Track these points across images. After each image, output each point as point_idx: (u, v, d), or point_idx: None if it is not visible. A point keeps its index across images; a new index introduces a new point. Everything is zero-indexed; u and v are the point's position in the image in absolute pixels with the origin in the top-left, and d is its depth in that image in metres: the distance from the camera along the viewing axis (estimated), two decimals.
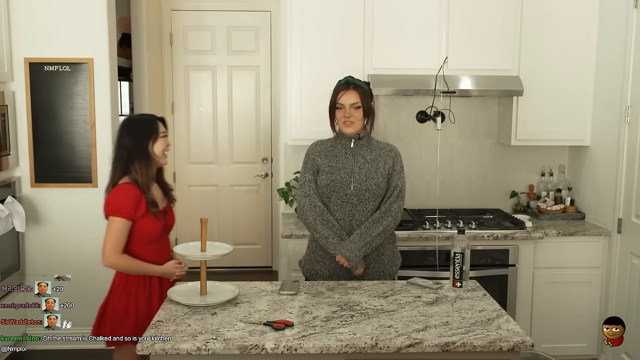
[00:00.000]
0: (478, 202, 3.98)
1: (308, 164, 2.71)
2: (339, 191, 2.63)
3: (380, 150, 2.69)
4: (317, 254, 2.71)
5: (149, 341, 1.94)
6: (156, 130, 2.45)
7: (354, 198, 2.62)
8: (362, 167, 2.64)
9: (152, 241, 2.46)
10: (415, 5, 3.50)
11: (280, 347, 1.93)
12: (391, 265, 2.73)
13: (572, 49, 3.62)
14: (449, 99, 3.59)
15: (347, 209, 2.63)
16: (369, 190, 2.62)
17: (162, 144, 2.48)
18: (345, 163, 2.65)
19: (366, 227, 2.60)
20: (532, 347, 2.01)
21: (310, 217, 2.63)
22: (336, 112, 2.66)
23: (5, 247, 3.53)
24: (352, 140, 2.67)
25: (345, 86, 2.64)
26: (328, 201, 2.66)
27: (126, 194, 2.37)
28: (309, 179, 2.68)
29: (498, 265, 3.41)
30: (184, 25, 5.33)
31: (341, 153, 2.68)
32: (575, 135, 3.71)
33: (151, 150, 2.45)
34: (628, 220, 3.35)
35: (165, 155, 2.51)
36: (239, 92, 5.46)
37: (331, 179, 2.63)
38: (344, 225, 2.64)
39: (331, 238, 2.60)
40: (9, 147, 3.59)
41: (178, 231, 5.58)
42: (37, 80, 3.65)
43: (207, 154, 5.51)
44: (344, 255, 2.57)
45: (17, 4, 3.61)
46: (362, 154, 2.67)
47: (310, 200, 2.64)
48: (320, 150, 2.72)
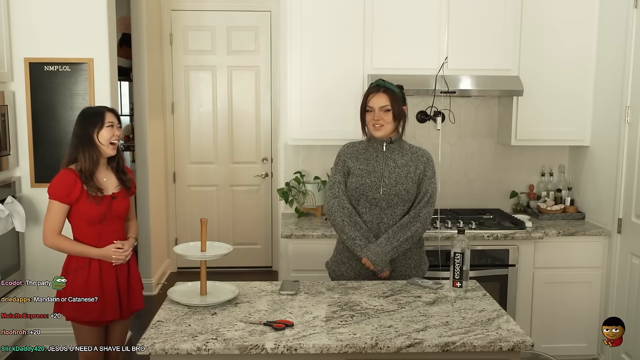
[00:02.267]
0: (478, 202, 3.99)
1: (339, 165, 2.70)
2: (368, 195, 2.61)
3: (412, 154, 2.67)
4: (344, 256, 2.70)
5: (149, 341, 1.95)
6: (102, 120, 2.55)
7: (383, 202, 2.61)
8: (393, 172, 2.62)
9: (91, 224, 2.55)
10: (416, 6, 3.50)
11: (280, 347, 1.93)
12: (417, 270, 2.71)
13: (572, 48, 3.62)
14: (449, 99, 3.59)
15: (376, 212, 2.63)
16: (397, 196, 2.60)
17: (107, 133, 2.55)
18: (376, 167, 2.63)
19: (394, 232, 2.58)
20: (532, 347, 2.01)
21: (339, 219, 2.62)
22: (366, 115, 2.63)
23: (5, 247, 3.53)
24: (384, 144, 2.65)
25: (375, 89, 2.62)
26: (357, 204, 2.65)
27: (60, 179, 2.53)
28: (338, 180, 2.67)
29: (498, 265, 3.41)
30: (184, 25, 5.33)
31: (372, 156, 2.66)
32: (575, 135, 3.71)
33: (96, 139, 2.54)
34: (628, 220, 3.35)
35: (111, 145, 2.57)
36: (239, 92, 5.47)
37: (361, 182, 2.62)
38: (372, 228, 2.63)
39: (358, 240, 2.59)
40: (9, 147, 3.59)
41: (178, 231, 5.59)
42: (37, 80, 3.65)
43: (207, 154, 5.51)
44: (370, 259, 2.56)
45: (17, 4, 3.61)
46: (393, 158, 2.65)
47: (339, 201, 2.63)
48: (352, 152, 2.70)
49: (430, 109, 3.53)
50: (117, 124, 2.59)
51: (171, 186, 5.52)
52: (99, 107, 2.65)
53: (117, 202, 2.61)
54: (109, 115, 2.58)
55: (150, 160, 4.94)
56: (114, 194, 2.60)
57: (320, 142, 3.68)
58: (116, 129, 2.58)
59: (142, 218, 4.93)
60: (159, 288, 5.10)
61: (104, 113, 2.57)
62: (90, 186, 2.52)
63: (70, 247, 2.55)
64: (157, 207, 5.14)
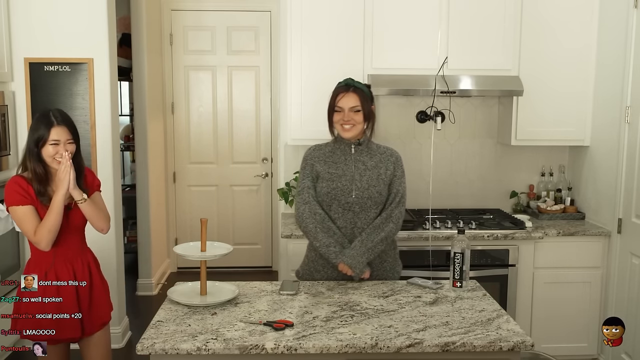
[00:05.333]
0: (478, 202, 3.98)
1: (307, 170, 2.61)
2: (340, 199, 2.55)
3: (380, 155, 2.62)
4: (317, 264, 2.63)
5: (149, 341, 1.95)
6: (45, 136, 2.36)
7: (356, 206, 2.55)
8: (364, 174, 2.56)
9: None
10: (415, 5, 3.50)
11: (280, 347, 1.93)
12: (393, 272, 2.68)
13: (572, 48, 3.62)
14: (449, 99, 3.59)
15: (349, 216, 2.56)
16: (371, 199, 2.55)
17: (52, 149, 2.36)
18: (346, 170, 2.57)
19: (367, 234, 2.53)
20: (532, 347, 2.01)
21: (311, 225, 2.54)
22: (334, 115, 2.57)
23: (5, 247, 3.53)
24: (352, 146, 2.59)
25: (345, 88, 2.56)
26: (329, 209, 2.57)
27: (10, 186, 2.39)
28: (308, 186, 2.58)
29: (498, 265, 3.41)
30: (184, 25, 5.33)
31: (341, 159, 2.59)
32: (575, 135, 3.71)
33: (41, 153, 2.38)
34: (628, 220, 3.35)
35: (55, 161, 2.37)
36: (239, 92, 5.47)
37: (332, 187, 2.55)
38: (346, 233, 2.57)
39: (332, 247, 2.51)
40: (9, 147, 3.59)
41: (178, 231, 5.59)
42: (37, 80, 3.65)
43: (207, 154, 5.51)
44: (347, 264, 2.48)
45: (17, 4, 3.61)
46: (362, 160, 2.59)
47: (311, 207, 2.55)
48: (319, 155, 2.63)
49: (430, 109, 3.53)
50: (66, 140, 2.37)
51: (171, 186, 5.52)
52: (48, 119, 2.38)
53: (73, 212, 2.45)
54: (56, 132, 2.36)
55: (150, 160, 4.94)
56: (69, 204, 2.42)
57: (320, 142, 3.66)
58: (63, 146, 2.37)
59: (142, 218, 4.93)
60: (159, 288, 5.10)
61: (49, 129, 2.36)
62: (42, 195, 2.38)
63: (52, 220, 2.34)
64: (157, 207, 5.14)
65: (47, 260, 2.45)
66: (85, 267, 2.53)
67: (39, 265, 2.45)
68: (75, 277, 2.47)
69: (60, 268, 2.46)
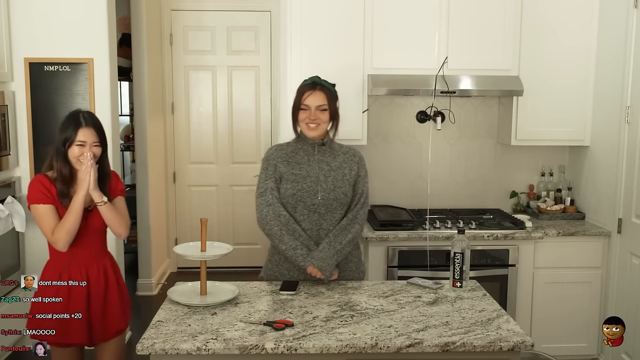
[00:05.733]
0: (478, 202, 3.98)
1: (269, 171, 2.55)
2: (306, 201, 2.49)
3: (344, 155, 2.58)
4: (282, 267, 2.58)
5: (149, 341, 1.95)
6: (73, 137, 2.36)
7: (322, 208, 2.50)
8: (328, 175, 2.52)
9: None
10: (415, 6, 3.50)
11: (280, 347, 1.93)
12: (358, 272, 2.65)
13: (572, 48, 3.62)
14: (449, 99, 3.59)
15: (315, 218, 2.51)
16: (336, 200, 2.51)
17: (77, 151, 2.36)
18: (310, 171, 2.52)
19: (334, 235, 2.49)
20: (532, 347, 2.01)
21: (276, 228, 2.47)
22: (300, 114, 2.52)
23: (5, 247, 3.53)
24: (316, 146, 2.55)
25: (311, 87, 2.51)
26: (294, 211, 2.51)
27: (33, 184, 2.39)
28: (271, 187, 2.52)
29: (498, 265, 3.41)
30: (184, 25, 5.34)
31: (304, 160, 2.54)
32: (575, 135, 3.71)
33: (67, 154, 2.38)
34: (628, 220, 3.34)
35: (79, 162, 2.36)
36: (239, 92, 5.47)
37: (298, 189, 2.49)
38: (311, 235, 2.51)
39: (300, 249, 2.45)
40: (9, 147, 3.59)
41: (178, 231, 5.59)
42: (37, 80, 3.65)
43: (207, 154, 5.51)
44: (317, 266, 2.43)
45: (17, 4, 3.61)
46: (326, 160, 2.54)
47: (274, 209, 2.48)
48: (281, 155, 2.57)
49: (430, 109, 3.53)
50: (92, 142, 2.37)
51: (171, 186, 5.52)
52: (77, 120, 2.39)
53: (92, 215, 2.42)
54: (83, 133, 2.36)
55: (150, 160, 4.94)
56: (89, 206, 2.41)
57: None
58: (89, 148, 2.36)
59: (142, 218, 4.93)
60: (159, 288, 5.10)
61: (77, 130, 2.36)
62: (64, 196, 2.38)
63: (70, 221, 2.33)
64: (157, 207, 5.14)
65: (62, 262, 2.43)
66: (100, 272, 2.48)
67: (55, 266, 2.44)
68: (89, 282, 2.43)
69: (74, 271, 2.43)
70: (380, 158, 3.91)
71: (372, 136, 3.82)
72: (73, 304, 2.39)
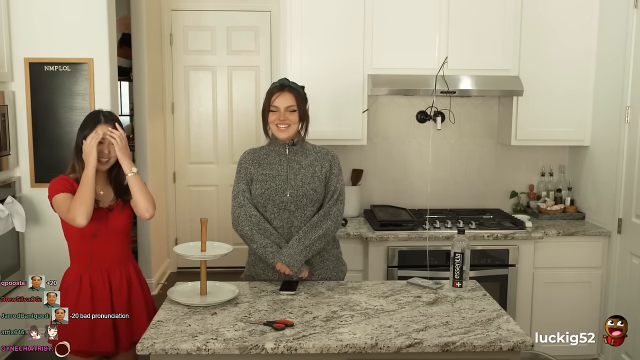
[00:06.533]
0: (478, 202, 3.98)
1: (241, 174, 2.59)
2: (274, 199, 2.52)
3: (316, 154, 2.60)
4: (258, 267, 2.60)
5: (149, 341, 1.95)
6: (89, 134, 2.33)
7: (291, 205, 2.52)
8: (298, 173, 2.54)
9: (83, 238, 2.33)
10: (415, 6, 3.50)
11: (280, 347, 1.93)
12: (337, 272, 2.65)
13: (572, 48, 3.62)
14: (449, 99, 3.59)
15: (285, 216, 2.53)
16: (306, 196, 2.52)
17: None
18: (280, 170, 2.55)
19: (304, 232, 2.49)
20: (532, 347, 2.01)
21: (247, 228, 2.51)
22: (270, 115, 2.53)
23: (5, 247, 3.53)
24: (287, 147, 2.57)
25: (280, 88, 2.52)
26: (264, 210, 2.54)
27: (54, 181, 2.35)
28: (242, 189, 2.56)
29: (498, 265, 3.41)
30: (184, 25, 5.34)
31: (275, 160, 2.57)
32: (575, 135, 3.71)
33: None
34: (628, 220, 3.34)
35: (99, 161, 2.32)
36: (239, 92, 5.47)
37: (266, 187, 2.52)
38: (283, 233, 2.53)
39: (269, 247, 2.47)
40: (9, 147, 3.59)
41: (178, 231, 5.59)
42: (37, 80, 3.65)
43: (207, 154, 5.51)
44: (284, 262, 2.44)
45: (17, 4, 3.61)
46: (297, 159, 2.57)
47: (245, 210, 2.52)
48: (253, 158, 2.60)
49: (430, 109, 3.53)
50: (109, 140, 2.32)
51: (171, 186, 5.52)
52: (97, 117, 2.38)
53: (113, 215, 2.38)
54: (102, 129, 2.33)
55: (150, 160, 4.94)
56: (110, 206, 2.38)
57: (320, 142, 3.61)
58: (107, 147, 2.34)
59: None
60: (159, 288, 5.10)
61: (95, 126, 2.34)
62: None
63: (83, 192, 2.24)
64: (157, 207, 5.13)
65: (83, 264, 2.35)
66: (123, 278, 2.40)
67: (76, 269, 2.37)
68: (111, 288, 2.36)
69: (95, 275, 2.35)
70: (380, 158, 3.91)
71: (372, 136, 3.82)
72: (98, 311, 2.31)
